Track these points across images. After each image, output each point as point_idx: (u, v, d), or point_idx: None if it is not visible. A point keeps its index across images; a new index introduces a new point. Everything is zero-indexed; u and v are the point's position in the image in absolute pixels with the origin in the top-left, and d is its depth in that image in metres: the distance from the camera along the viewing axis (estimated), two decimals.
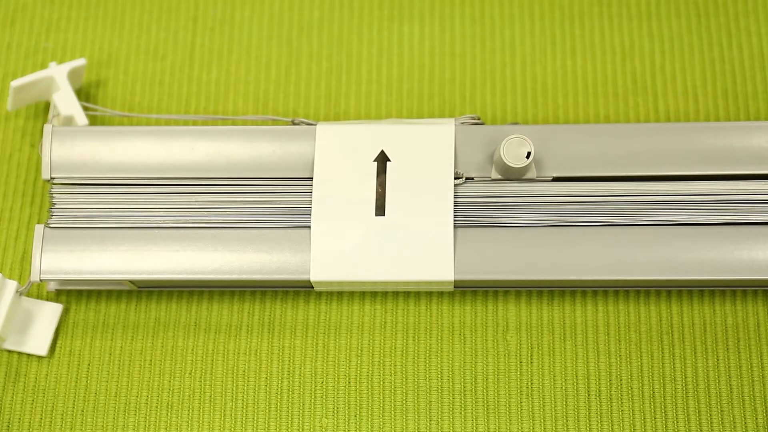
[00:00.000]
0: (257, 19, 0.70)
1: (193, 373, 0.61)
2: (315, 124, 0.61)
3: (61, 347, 0.62)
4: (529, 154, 0.58)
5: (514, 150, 0.58)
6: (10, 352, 0.61)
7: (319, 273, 0.58)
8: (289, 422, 0.60)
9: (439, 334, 0.61)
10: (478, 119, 0.61)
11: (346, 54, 0.68)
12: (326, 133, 0.60)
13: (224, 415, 0.60)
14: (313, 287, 0.61)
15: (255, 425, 0.60)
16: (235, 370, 0.61)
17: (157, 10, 0.70)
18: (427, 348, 0.61)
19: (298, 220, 0.59)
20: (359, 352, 0.61)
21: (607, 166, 0.59)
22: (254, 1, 0.70)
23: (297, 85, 0.68)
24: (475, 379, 0.60)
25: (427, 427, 0.59)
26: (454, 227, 0.59)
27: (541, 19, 0.69)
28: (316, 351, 0.61)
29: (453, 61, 0.68)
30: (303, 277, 0.58)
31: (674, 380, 0.60)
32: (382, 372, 0.61)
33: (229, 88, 0.68)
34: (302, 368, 0.61)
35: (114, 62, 0.68)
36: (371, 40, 0.69)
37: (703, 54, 0.68)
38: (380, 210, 0.58)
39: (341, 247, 0.58)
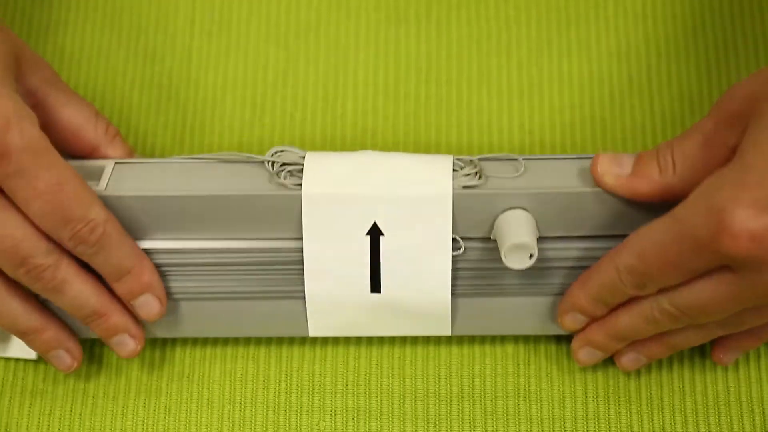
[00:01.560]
0: (254, 22, 0.70)
1: (190, 377, 0.61)
2: (302, 162, 0.56)
3: None
4: (531, 255, 0.54)
5: (517, 255, 0.54)
6: (7, 359, 0.61)
7: (318, 332, 0.59)
8: (287, 425, 0.60)
9: (437, 336, 0.61)
10: (477, 169, 0.56)
11: (343, 56, 0.69)
12: (314, 201, 0.55)
13: (222, 418, 0.60)
14: None
15: (253, 428, 0.60)
16: (233, 373, 0.61)
17: (155, 12, 0.70)
18: (425, 351, 0.61)
19: (292, 291, 0.58)
20: (357, 355, 0.61)
21: (613, 226, 0.56)
22: (251, 4, 0.70)
23: (294, 87, 0.68)
24: (473, 382, 0.60)
25: (425, 430, 0.60)
26: (453, 295, 0.57)
27: (538, 21, 0.69)
28: (314, 354, 0.61)
29: (449, 63, 0.68)
30: (301, 334, 0.59)
31: (671, 382, 0.60)
32: (379, 375, 0.61)
33: (227, 90, 0.68)
34: (300, 371, 0.61)
35: (112, 65, 0.68)
36: (368, 42, 0.69)
37: (699, 56, 0.68)
38: (375, 287, 0.57)
39: (338, 315, 0.58)
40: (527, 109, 0.67)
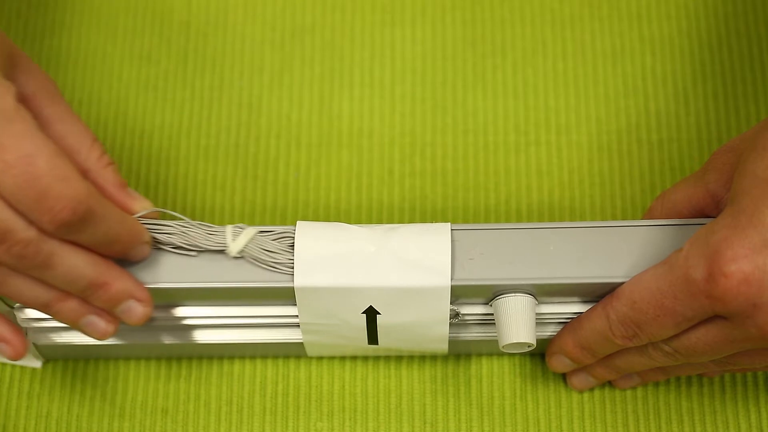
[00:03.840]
0: (250, 24, 0.70)
1: (188, 378, 0.61)
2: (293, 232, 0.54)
3: None
4: (530, 346, 0.54)
5: (516, 348, 0.55)
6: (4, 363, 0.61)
7: (312, 352, 0.60)
8: (284, 426, 0.60)
9: None
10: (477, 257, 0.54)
11: (338, 58, 0.69)
12: (307, 292, 0.53)
13: (219, 419, 0.60)
14: None
15: (251, 429, 0.60)
16: (230, 374, 0.61)
17: (150, 15, 0.70)
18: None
19: (289, 338, 0.58)
20: (353, 354, 0.61)
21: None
22: (247, 6, 0.70)
23: (290, 89, 0.68)
24: (469, 382, 0.60)
25: (422, 430, 0.60)
26: (450, 340, 0.58)
27: (532, 22, 0.69)
28: (311, 355, 0.61)
29: (444, 64, 0.68)
30: (299, 354, 0.60)
31: (667, 381, 0.60)
32: (376, 375, 0.61)
33: (223, 92, 0.68)
34: (297, 372, 0.61)
35: (107, 67, 0.69)
36: (363, 44, 0.69)
37: (694, 56, 0.68)
38: (372, 342, 0.57)
39: (335, 352, 0.60)
40: (522, 109, 0.67)
